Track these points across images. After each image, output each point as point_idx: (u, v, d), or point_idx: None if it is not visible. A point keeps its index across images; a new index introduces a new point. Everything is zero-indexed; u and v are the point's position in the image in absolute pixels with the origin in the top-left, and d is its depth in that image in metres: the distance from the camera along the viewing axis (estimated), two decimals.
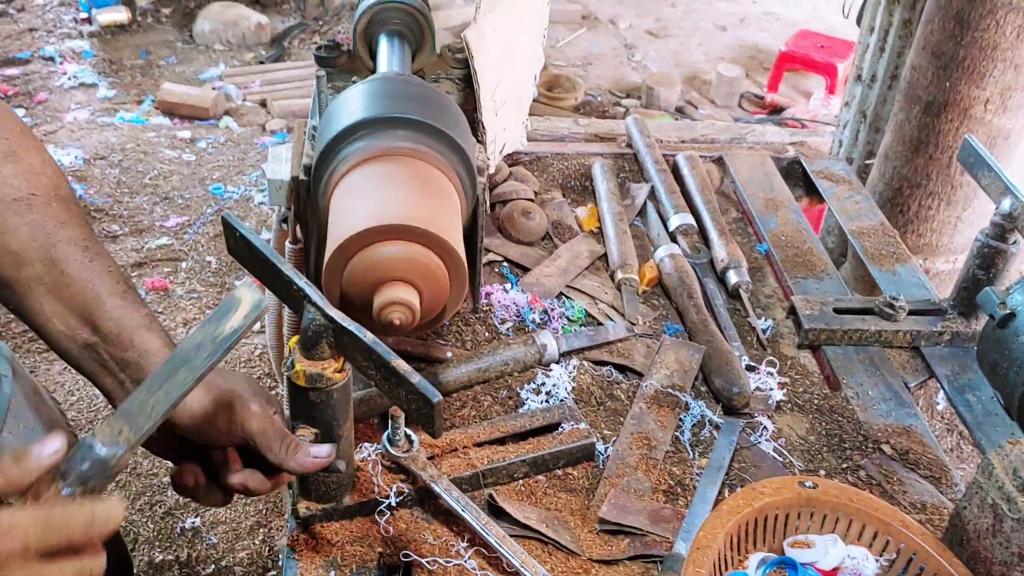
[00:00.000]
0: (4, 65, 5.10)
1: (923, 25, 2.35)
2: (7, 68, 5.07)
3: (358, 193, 1.10)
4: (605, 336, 1.46)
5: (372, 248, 1.03)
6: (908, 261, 1.73)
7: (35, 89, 4.92)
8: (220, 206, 3.92)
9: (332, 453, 1.00)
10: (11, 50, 5.28)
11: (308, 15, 6.18)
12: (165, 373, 0.85)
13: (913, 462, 1.31)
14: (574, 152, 1.99)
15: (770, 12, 7.12)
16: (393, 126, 1.14)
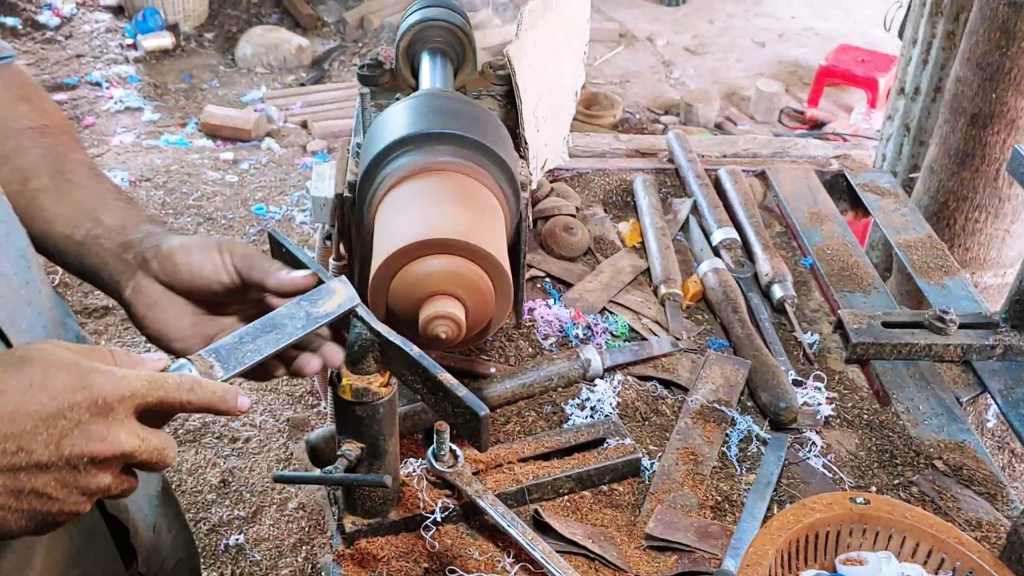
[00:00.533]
0: (53, 91, 5.22)
1: (967, 36, 2.32)
2: (56, 93, 5.19)
3: (403, 208, 1.11)
4: (649, 351, 1.45)
5: (418, 262, 1.03)
6: (957, 274, 1.70)
7: (82, 113, 5.03)
8: (262, 226, 3.97)
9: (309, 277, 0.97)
10: (59, 76, 5.41)
11: (348, 37, 6.26)
12: (257, 329, 0.89)
13: (967, 478, 1.28)
14: (615, 168, 1.99)
15: (809, 27, 7.08)
16: (437, 142, 1.15)
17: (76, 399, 0.70)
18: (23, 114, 1.04)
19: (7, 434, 0.68)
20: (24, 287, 0.93)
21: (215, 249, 0.95)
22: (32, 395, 0.69)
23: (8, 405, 0.69)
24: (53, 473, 0.70)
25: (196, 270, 0.95)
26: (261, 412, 2.97)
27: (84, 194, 1.01)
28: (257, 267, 0.95)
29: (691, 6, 7.32)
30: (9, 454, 0.68)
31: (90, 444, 0.71)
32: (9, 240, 0.92)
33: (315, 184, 1.54)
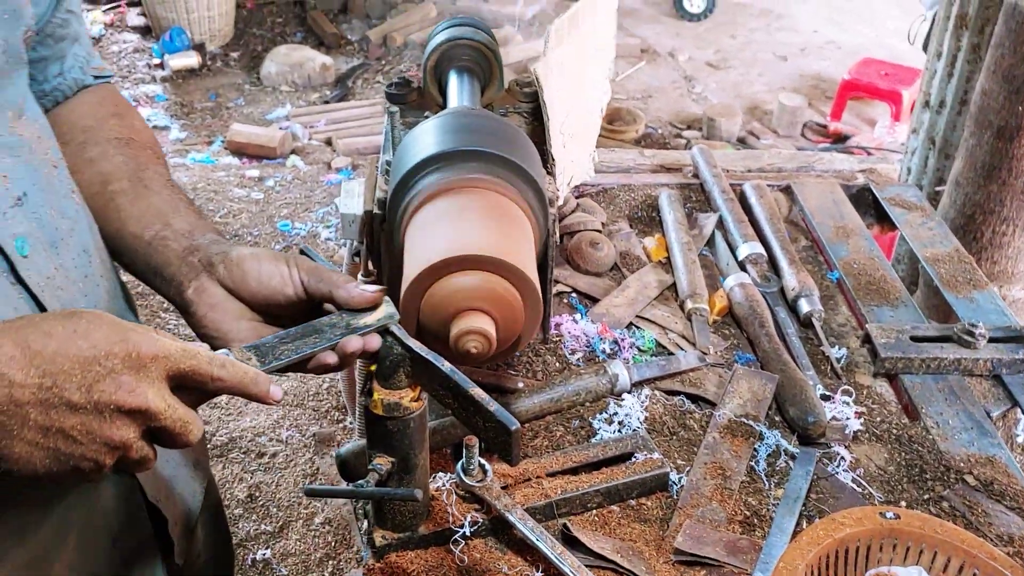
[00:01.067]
0: None
1: (993, 49, 2.31)
2: None
3: (434, 224, 1.12)
4: (677, 366, 1.46)
5: (449, 278, 1.05)
6: (986, 288, 1.70)
7: None
8: (288, 243, 4.01)
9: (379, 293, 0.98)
10: None
11: (371, 55, 6.32)
12: (298, 332, 0.93)
13: (998, 493, 1.27)
14: (640, 183, 1.99)
15: (831, 41, 7.07)
16: (467, 159, 1.16)
17: (113, 349, 0.76)
18: (112, 127, 1.13)
19: (46, 371, 0.73)
20: (82, 280, 0.98)
21: (283, 261, 0.99)
22: (74, 340, 0.75)
23: (52, 346, 0.74)
24: (81, 416, 0.75)
25: (265, 280, 0.98)
26: (287, 427, 2.99)
27: (158, 199, 1.06)
28: (325, 279, 0.98)
29: (712, 21, 7.34)
30: (44, 389, 0.73)
31: (119, 393, 0.75)
32: (73, 235, 0.98)
33: (344, 201, 1.56)
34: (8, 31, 0.92)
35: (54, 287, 0.93)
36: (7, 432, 0.73)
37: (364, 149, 5.01)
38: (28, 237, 0.90)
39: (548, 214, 1.25)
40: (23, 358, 0.73)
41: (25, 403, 0.73)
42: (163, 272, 1.01)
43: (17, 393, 0.72)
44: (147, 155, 1.12)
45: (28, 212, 0.91)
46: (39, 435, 0.74)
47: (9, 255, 0.88)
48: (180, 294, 1.00)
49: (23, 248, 0.89)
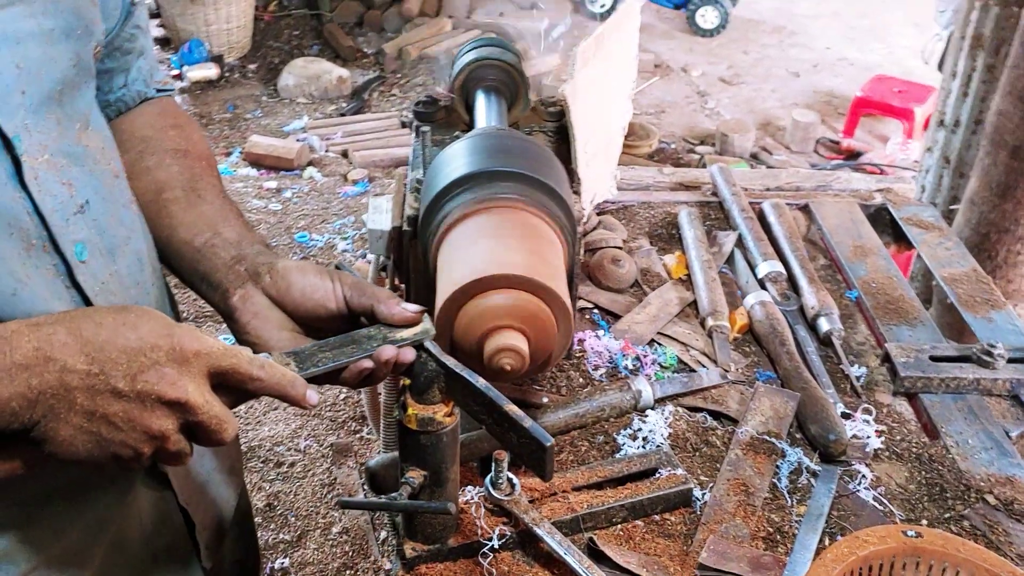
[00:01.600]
0: None
1: (1009, 70, 2.34)
2: None
3: (468, 243, 1.15)
4: (699, 383, 1.48)
5: (483, 296, 1.07)
6: (1004, 308, 1.71)
7: None
8: (305, 254, 4.04)
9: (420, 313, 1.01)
10: None
11: (387, 68, 6.37)
12: (336, 343, 0.96)
13: (1019, 512, 1.29)
14: (660, 200, 2.02)
15: (843, 58, 7.10)
16: (499, 179, 1.19)
17: (158, 343, 0.79)
18: (171, 138, 1.16)
19: (95, 358, 0.77)
20: (135, 287, 1.02)
21: (327, 275, 1.02)
22: (123, 331, 0.79)
23: (102, 335, 0.78)
24: (124, 403, 0.78)
25: (309, 292, 1.01)
26: (305, 437, 3.02)
27: (210, 208, 1.10)
28: (368, 294, 1.00)
29: (725, 37, 7.38)
30: (92, 376, 0.77)
31: (161, 384, 0.79)
32: (128, 244, 1.02)
33: (371, 217, 1.59)
34: (81, 45, 0.96)
35: (107, 292, 0.96)
36: (55, 415, 0.76)
37: (380, 161, 5.05)
38: (87, 243, 0.94)
39: (576, 233, 1.27)
40: (75, 345, 0.76)
41: (74, 388, 0.76)
42: (210, 278, 1.04)
43: (67, 378, 0.76)
44: (202, 166, 1.16)
45: (89, 220, 0.95)
46: (84, 419, 0.78)
47: (68, 259, 0.91)
48: (225, 300, 1.03)
49: (82, 254, 0.93)
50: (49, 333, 0.76)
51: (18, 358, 0.75)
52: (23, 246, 0.87)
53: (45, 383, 0.75)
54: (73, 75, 0.95)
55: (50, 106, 0.92)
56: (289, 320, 1.02)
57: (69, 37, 0.94)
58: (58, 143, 0.92)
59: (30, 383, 0.75)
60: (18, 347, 0.75)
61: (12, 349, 0.75)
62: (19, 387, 0.74)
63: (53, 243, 0.90)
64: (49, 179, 0.90)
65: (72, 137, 0.95)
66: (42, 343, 0.76)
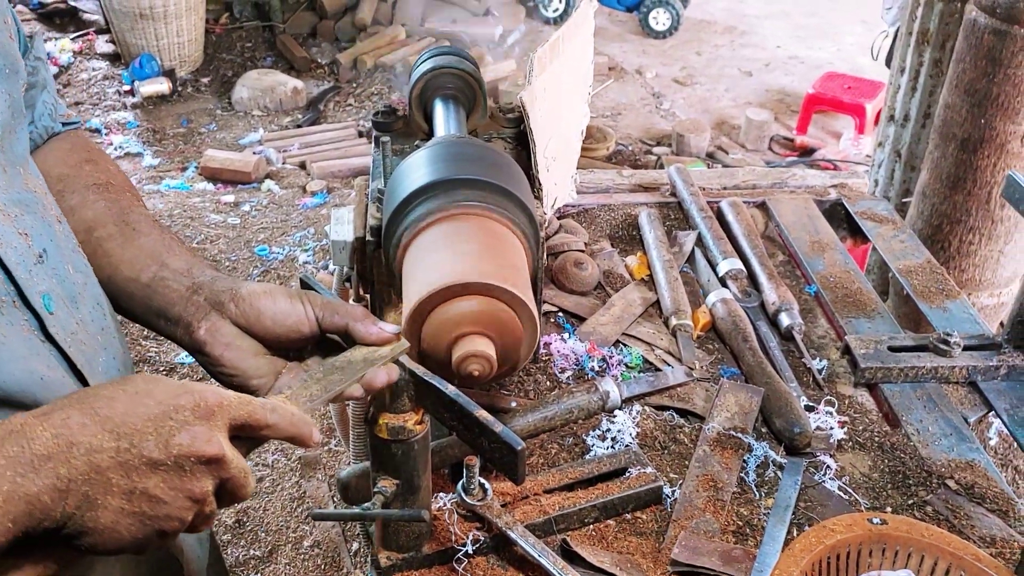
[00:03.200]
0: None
1: (955, 64, 2.39)
2: None
3: (432, 252, 1.15)
4: (665, 381, 1.50)
5: (449, 304, 1.08)
6: (958, 297, 1.75)
7: None
8: (266, 267, 4.01)
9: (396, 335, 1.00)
10: None
11: (342, 78, 6.35)
12: (323, 372, 0.95)
13: (979, 496, 1.32)
14: (620, 203, 2.04)
15: (794, 56, 7.21)
16: (461, 187, 1.20)
17: (180, 402, 0.76)
18: (88, 173, 1.11)
19: (120, 433, 0.73)
20: (100, 333, 0.97)
21: (297, 298, 1.00)
22: (140, 400, 0.75)
23: (119, 408, 0.74)
24: (162, 473, 0.74)
25: (280, 318, 0.99)
26: (273, 452, 3.00)
27: (149, 240, 1.05)
28: (341, 313, 0.99)
29: (678, 38, 7.46)
30: (123, 452, 0.72)
31: (196, 443, 0.75)
32: (86, 289, 0.97)
33: (334, 228, 1.58)
34: (12, 85, 0.91)
35: (78, 343, 0.92)
36: (92, 503, 0.72)
37: (338, 172, 5.04)
38: (51, 294, 0.89)
39: (539, 237, 1.28)
40: (94, 424, 0.72)
41: (106, 468, 0.72)
42: (167, 314, 1.01)
43: (97, 459, 0.71)
44: (127, 198, 1.11)
45: (49, 269, 0.90)
46: (124, 500, 0.73)
47: (38, 312, 0.86)
48: (190, 334, 1.00)
49: (49, 305, 0.88)
50: (63, 418, 0.72)
51: (39, 449, 0.69)
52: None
53: (75, 470, 0.70)
54: (9, 118, 0.91)
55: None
56: (260, 345, 1.00)
57: (3, 78, 0.90)
58: (7, 192, 0.87)
59: (58, 473, 0.70)
60: (35, 438, 0.70)
61: (29, 441, 0.69)
62: (47, 479, 0.69)
63: (22, 297, 0.85)
64: (7, 231, 0.85)
65: (20, 184, 0.90)
66: (60, 429, 0.71)
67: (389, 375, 0.98)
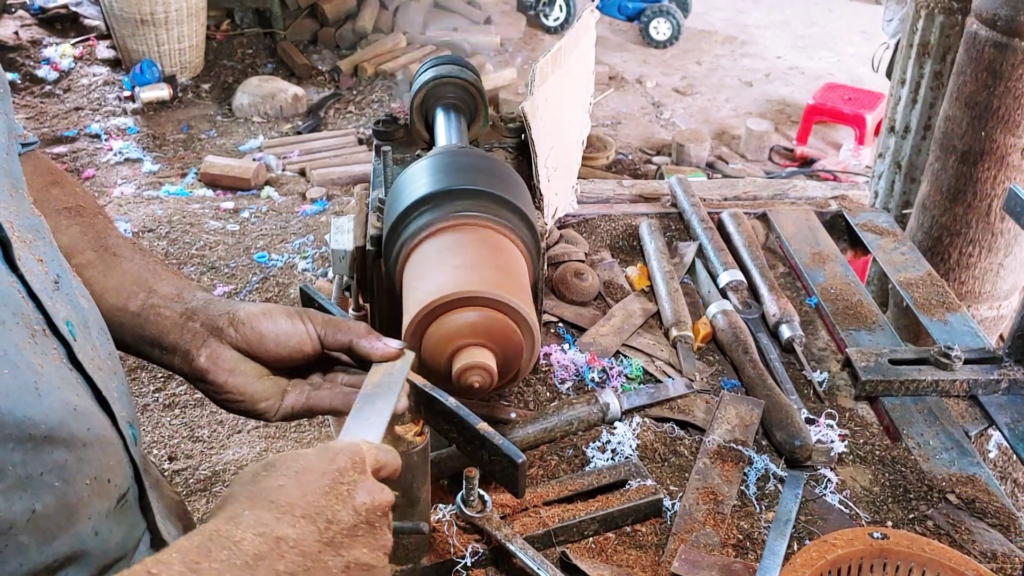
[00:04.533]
0: (52, 143, 5.28)
1: (955, 77, 2.39)
2: (55, 146, 5.24)
3: (433, 262, 1.15)
4: (666, 393, 1.49)
5: (450, 315, 1.07)
6: (958, 310, 1.75)
7: (82, 166, 5.08)
8: (265, 274, 4.01)
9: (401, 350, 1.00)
10: (58, 129, 5.47)
11: (342, 85, 6.35)
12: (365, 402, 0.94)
13: (980, 511, 1.31)
14: (620, 213, 2.04)
15: (795, 66, 7.22)
16: (462, 197, 1.19)
17: (340, 465, 0.76)
18: (55, 197, 1.06)
19: (312, 516, 0.73)
20: (109, 357, 0.93)
21: (298, 318, 0.98)
22: (306, 478, 0.75)
23: (295, 493, 0.73)
24: (361, 537, 0.75)
25: (283, 340, 0.97)
26: None
27: (132, 266, 1.02)
28: (343, 330, 0.98)
29: (678, 48, 7.47)
30: (324, 532, 0.73)
31: (374, 495, 0.77)
32: (92, 314, 0.93)
33: (334, 237, 1.58)
34: (5, 106, 0.89)
35: (97, 369, 0.87)
36: None
37: (338, 179, 5.03)
38: (71, 320, 0.86)
39: (539, 248, 1.28)
40: (285, 515, 0.72)
41: (318, 553, 0.72)
42: (161, 342, 0.98)
43: (306, 547, 0.71)
44: (101, 221, 1.06)
45: (64, 295, 0.87)
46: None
47: (66, 339, 0.83)
48: (189, 363, 0.97)
49: (73, 331, 0.85)
50: (255, 518, 0.71)
51: (249, 549, 0.69)
52: (28, 333, 0.77)
53: (292, 563, 0.70)
54: (7, 140, 0.88)
55: (3, 177, 0.84)
56: (261, 367, 0.99)
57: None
58: (19, 217, 0.85)
59: (277, 570, 0.69)
60: (240, 540, 0.69)
61: (235, 544, 0.69)
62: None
63: (51, 325, 0.81)
64: (27, 257, 0.82)
65: (27, 209, 0.88)
66: (258, 527, 0.70)
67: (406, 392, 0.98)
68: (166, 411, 3.19)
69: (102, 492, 0.82)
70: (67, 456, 0.76)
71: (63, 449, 0.75)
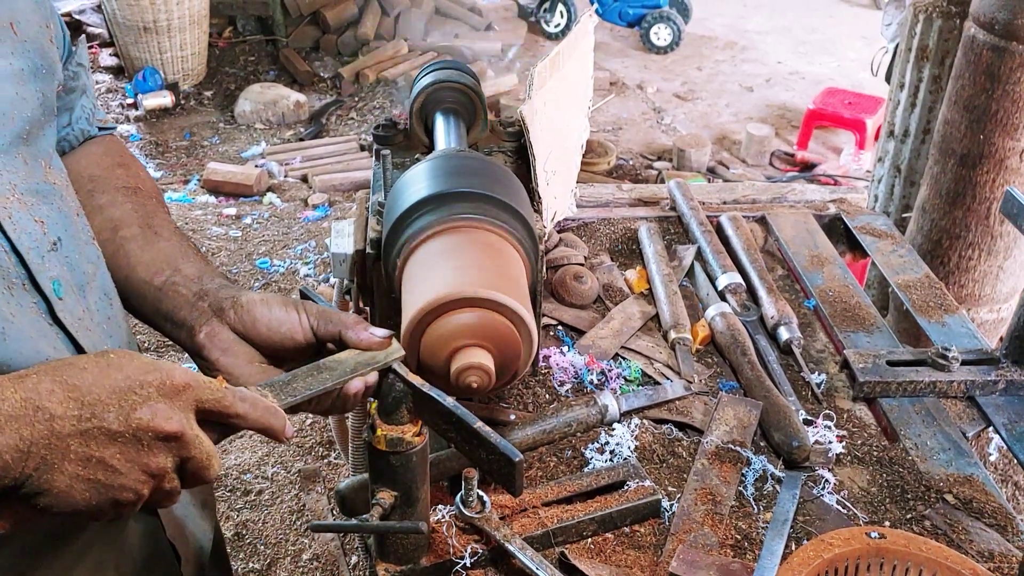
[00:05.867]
0: None
1: (954, 80, 2.40)
2: None
3: (432, 264, 1.16)
4: (664, 395, 1.50)
5: (448, 316, 1.08)
6: (956, 312, 1.76)
7: None
8: (267, 280, 4.02)
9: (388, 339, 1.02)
10: None
11: (344, 92, 6.37)
12: (310, 370, 0.97)
13: (977, 511, 1.32)
14: (619, 216, 2.05)
15: (795, 71, 7.23)
16: (461, 200, 1.20)
17: (147, 379, 0.79)
18: (119, 176, 1.17)
19: (83, 402, 0.76)
20: (105, 322, 1.01)
21: (292, 307, 1.02)
22: (109, 372, 0.78)
23: (87, 379, 0.77)
24: (120, 444, 0.78)
25: (275, 326, 1.01)
26: (272, 464, 3.00)
27: (167, 245, 1.10)
28: (334, 321, 1.01)
29: (679, 54, 7.48)
30: (84, 420, 0.76)
31: (156, 419, 0.78)
32: (95, 280, 1.01)
33: (335, 240, 1.59)
34: (46, 85, 0.97)
35: (84, 329, 0.96)
36: (48, 465, 0.75)
37: (340, 185, 5.05)
38: (61, 280, 0.94)
39: (538, 251, 1.29)
40: (61, 392, 0.75)
41: (66, 435, 0.75)
42: (174, 317, 1.04)
43: (58, 425, 0.75)
44: (153, 203, 1.16)
45: (61, 257, 0.95)
46: (80, 467, 0.76)
47: (48, 296, 0.91)
48: (191, 338, 1.02)
49: (59, 291, 0.93)
50: (35, 383, 0.75)
51: (6, 409, 0.73)
52: (4, 285, 0.86)
53: (37, 433, 0.74)
54: (40, 115, 0.96)
55: (18, 145, 0.92)
56: (257, 353, 1.02)
57: (36, 77, 0.95)
58: (27, 182, 0.92)
59: (21, 434, 0.73)
60: (5, 399, 0.74)
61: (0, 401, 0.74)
62: (10, 439, 0.73)
63: (32, 281, 0.89)
64: (22, 217, 0.90)
65: (40, 175, 0.95)
66: (29, 393, 0.74)
67: (366, 382, 1.00)
68: None
69: None
70: None
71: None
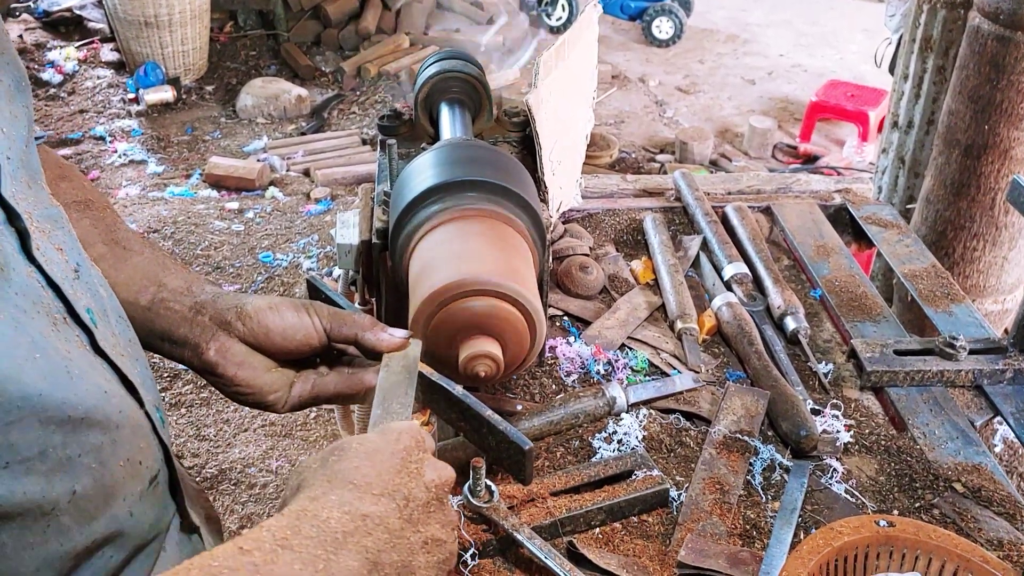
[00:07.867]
0: (57, 146, 5.30)
1: (958, 71, 2.39)
2: (60, 149, 5.26)
3: (439, 253, 1.16)
4: (671, 385, 1.49)
5: (456, 304, 1.08)
6: (963, 301, 1.75)
7: (87, 168, 5.10)
8: (270, 274, 4.02)
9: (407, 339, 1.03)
10: (63, 131, 5.49)
11: (345, 86, 6.37)
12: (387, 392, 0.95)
13: (986, 499, 1.32)
14: (624, 207, 2.04)
15: (797, 64, 7.22)
16: (468, 188, 1.20)
17: (406, 445, 0.78)
18: (65, 191, 1.06)
19: (386, 492, 0.74)
20: (129, 344, 0.94)
21: (304, 311, 0.99)
22: (376, 458, 0.76)
23: (369, 472, 0.75)
24: (434, 513, 0.77)
25: (290, 333, 0.98)
26: (276, 458, 3.00)
27: (141, 260, 1.03)
28: (348, 323, 0.99)
29: (681, 47, 7.47)
30: (404, 509, 0.74)
31: (441, 472, 0.79)
32: (110, 302, 0.94)
33: (340, 232, 1.59)
34: (27, 99, 0.89)
35: (119, 355, 0.88)
36: (409, 569, 0.74)
37: (342, 179, 5.05)
38: (92, 307, 0.87)
39: (545, 240, 1.29)
40: (365, 494, 0.73)
41: (401, 530, 0.73)
42: (171, 336, 0.99)
43: (390, 524, 0.73)
44: (110, 215, 1.08)
45: (84, 283, 0.87)
46: (424, 553, 0.75)
47: (88, 327, 0.83)
48: (199, 356, 0.98)
49: (94, 319, 0.86)
50: (337, 496, 0.73)
51: (336, 527, 0.70)
52: (50, 321, 0.78)
53: (378, 540, 0.72)
54: (27, 132, 0.88)
55: (21, 169, 0.85)
56: (269, 360, 1.00)
57: (20, 91, 0.88)
58: (37, 208, 0.86)
59: (365, 546, 0.71)
60: (327, 518, 0.71)
61: (323, 522, 0.70)
62: (357, 555, 0.70)
63: (71, 313, 0.82)
64: (47, 247, 0.83)
65: (45, 199, 0.88)
66: (342, 505, 0.72)
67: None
68: (172, 410, 3.20)
69: (135, 474, 0.84)
70: (102, 438, 0.77)
71: (99, 431, 0.76)
